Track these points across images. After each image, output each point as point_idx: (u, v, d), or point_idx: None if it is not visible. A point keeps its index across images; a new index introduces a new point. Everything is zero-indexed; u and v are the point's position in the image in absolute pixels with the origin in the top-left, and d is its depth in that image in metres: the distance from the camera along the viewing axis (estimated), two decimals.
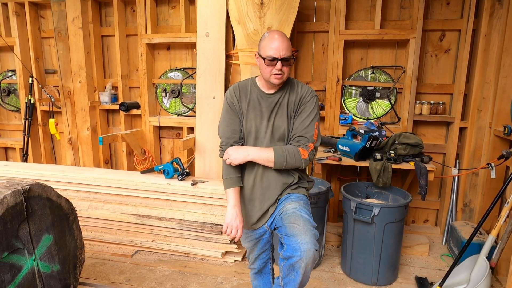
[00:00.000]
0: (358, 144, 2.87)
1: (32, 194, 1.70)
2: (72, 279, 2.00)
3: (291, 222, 1.60)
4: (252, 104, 1.73)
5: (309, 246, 1.50)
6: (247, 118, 1.73)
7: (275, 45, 1.59)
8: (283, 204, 1.75)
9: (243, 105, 1.74)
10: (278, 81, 1.64)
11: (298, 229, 1.55)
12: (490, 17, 2.93)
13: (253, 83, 1.77)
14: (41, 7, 3.98)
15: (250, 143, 1.74)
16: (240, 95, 1.75)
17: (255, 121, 1.71)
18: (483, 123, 3.09)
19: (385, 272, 2.59)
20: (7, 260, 1.57)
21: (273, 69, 1.60)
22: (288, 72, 1.65)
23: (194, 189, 2.90)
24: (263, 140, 1.71)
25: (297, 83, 1.77)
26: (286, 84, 1.75)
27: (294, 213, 1.63)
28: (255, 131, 1.71)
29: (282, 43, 1.59)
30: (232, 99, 1.76)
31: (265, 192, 1.76)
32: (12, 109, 4.43)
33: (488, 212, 2.30)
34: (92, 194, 3.15)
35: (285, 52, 1.59)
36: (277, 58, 1.58)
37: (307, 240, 1.51)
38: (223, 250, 2.87)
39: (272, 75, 1.62)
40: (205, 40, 3.19)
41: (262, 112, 1.72)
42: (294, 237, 1.53)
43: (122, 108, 3.74)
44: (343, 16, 3.21)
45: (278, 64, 1.59)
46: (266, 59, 1.60)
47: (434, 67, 3.27)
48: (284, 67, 1.61)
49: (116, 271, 2.73)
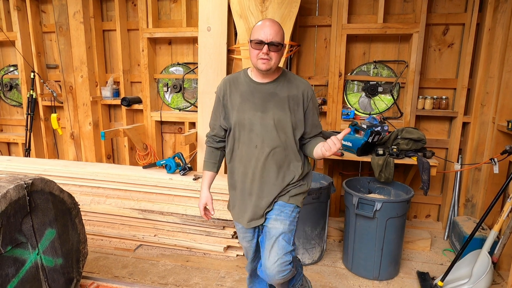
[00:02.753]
0: (361, 139, 2.86)
1: (35, 188, 1.71)
2: (75, 273, 2.02)
3: (267, 247, 1.69)
4: (245, 96, 1.68)
5: (273, 273, 1.66)
6: (240, 110, 1.68)
7: (263, 28, 1.57)
8: (272, 217, 1.73)
9: (235, 97, 1.70)
10: (264, 66, 1.59)
11: (270, 258, 1.68)
12: (495, 11, 2.90)
13: (244, 74, 1.74)
14: (42, 2, 3.96)
15: (245, 136, 1.69)
16: (230, 87, 1.73)
17: (249, 113, 1.66)
18: (486, 118, 3.07)
19: (387, 267, 2.59)
20: (10, 254, 1.57)
21: (260, 52, 1.57)
22: (277, 59, 1.61)
23: (196, 184, 2.91)
24: (259, 133, 1.66)
25: (292, 76, 1.75)
26: (281, 76, 1.71)
27: (275, 237, 1.69)
28: (249, 123, 1.66)
29: (271, 28, 1.56)
30: (219, 92, 1.76)
31: (264, 187, 1.71)
32: (14, 104, 4.44)
33: (491, 207, 2.29)
34: (95, 188, 3.16)
35: (273, 37, 1.55)
36: (264, 41, 1.55)
37: (273, 271, 1.66)
38: (225, 244, 2.88)
39: (259, 59, 1.58)
40: (206, 34, 3.17)
41: (255, 103, 1.67)
42: (264, 261, 1.70)
43: (124, 103, 3.73)
44: (345, 10, 3.19)
45: (264, 48, 1.55)
46: (253, 42, 1.58)
47: (437, 62, 3.24)
48: (272, 52, 1.57)
49: (118, 265, 2.75)
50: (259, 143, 1.67)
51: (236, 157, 1.75)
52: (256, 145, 1.67)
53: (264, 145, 1.67)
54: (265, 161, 1.68)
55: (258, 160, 1.68)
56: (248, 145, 1.69)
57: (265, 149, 1.67)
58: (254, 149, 1.67)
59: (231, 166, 1.79)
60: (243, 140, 1.70)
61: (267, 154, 1.67)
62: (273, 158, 1.68)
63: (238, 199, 1.80)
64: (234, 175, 1.78)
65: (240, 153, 1.72)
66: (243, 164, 1.72)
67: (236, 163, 1.75)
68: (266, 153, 1.67)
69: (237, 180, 1.77)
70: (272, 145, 1.66)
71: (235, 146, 1.74)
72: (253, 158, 1.69)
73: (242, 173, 1.73)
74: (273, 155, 1.67)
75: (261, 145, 1.67)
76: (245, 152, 1.70)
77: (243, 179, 1.74)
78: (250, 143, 1.68)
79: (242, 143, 1.70)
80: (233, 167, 1.78)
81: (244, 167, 1.72)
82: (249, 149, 1.69)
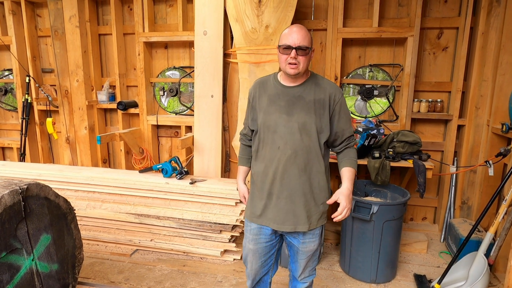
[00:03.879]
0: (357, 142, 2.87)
1: (30, 193, 1.69)
2: (71, 279, 2.00)
3: (301, 265, 1.88)
4: (272, 99, 1.72)
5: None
6: (266, 112, 1.72)
7: (291, 34, 1.60)
8: (304, 238, 1.79)
9: (263, 99, 1.75)
10: (293, 70, 1.62)
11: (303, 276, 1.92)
12: (488, 15, 2.93)
13: (274, 77, 1.78)
14: (38, 6, 3.95)
15: (269, 137, 1.72)
16: (259, 90, 1.78)
17: (274, 115, 1.70)
18: (481, 120, 3.09)
19: (384, 270, 2.59)
20: (5, 260, 1.56)
21: (288, 57, 1.60)
22: (305, 63, 1.63)
23: (193, 188, 2.90)
24: (283, 135, 1.68)
25: (321, 79, 1.76)
26: (310, 79, 1.73)
27: (308, 258, 1.86)
28: (274, 125, 1.69)
29: (299, 33, 1.60)
30: (250, 95, 1.83)
31: (283, 189, 1.71)
32: (9, 108, 4.41)
33: (486, 210, 2.30)
34: (90, 193, 3.14)
35: (301, 41, 1.59)
36: (292, 46, 1.59)
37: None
38: (222, 248, 2.87)
39: (287, 64, 1.62)
40: (203, 38, 3.18)
41: (281, 106, 1.70)
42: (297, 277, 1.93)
43: (120, 107, 3.72)
44: (341, 14, 3.21)
45: (292, 53, 1.59)
46: (281, 47, 1.62)
47: (432, 65, 3.27)
48: (300, 56, 1.60)
49: (115, 271, 2.73)
50: (282, 144, 1.68)
51: (259, 157, 1.78)
52: (278, 146, 1.69)
53: (286, 147, 1.68)
54: (286, 163, 1.69)
55: (280, 162, 1.69)
56: (271, 146, 1.72)
57: (287, 151, 1.68)
58: (277, 150, 1.70)
59: (255, 165, 1.82)
60: (267, 141, 1.73)
61: (288, 156, 1.68)
62: (295, 161, 1.69)
63: (257, 197, 1.80)
64: (255, 174, 1.81)
65: (263, 153, 1.75)
66: (264, 164, 1.75)
67: (259, 163, 1.78)
68: (287, 155, 1.68)
69: (257, 179, 1.80)
70: (294, 148, 1.67)
71: (259, 146, 1.77)
72: (275, 159, 1.70)
73: (263, 173, 1.75)
74: (295, 158, 1.68)
75: (283, 146, 1.68)
76: (268, 153, 1.73)
77: (263, 179, 1.76)
78: (273, 144, 1.71)
79: (266, 144, 1.73)
80: (256, 167, 1.81)
81: (266, 167, 1.74)
82: (272, 150, 1.71)
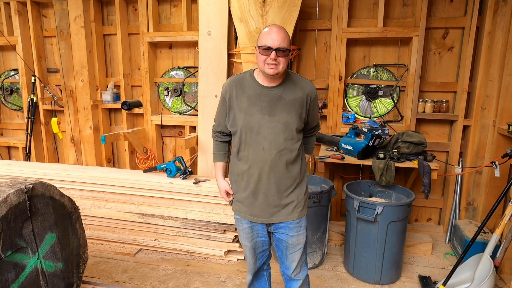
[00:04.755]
0: (361, 142, 2.86)
1: (35, 193, 1.70)
2: (75, 278, 2.00)
3: (292, 260, 1.89)
4: (253, 100, 1.71)
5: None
6: (248, 113, 1.70)
7: (271, 34, 1.59)
8: (291, 232, 1.81)
9: (241, 100, 1.73)
10: (272, 70, 1.62)
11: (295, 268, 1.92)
12: (494, 14, 2.91)
13: (250, 77, 1.75)
14: (43, 6, 3.98)
15: (252, 138, 1.71)
16: (236, 90, 1.75)
17: (257, 116, 1.69)
18: (486, 121, 3.07)
19: (388, 271, 2.58)
20: (10, 259, 1.57)
21: (267, 58, 1.60)
22: (284, 64, 1.63)
23: (197, 188, 2.90)
24: (267, 136, 1.68)
25: (297, 78, 1.77)
26: (286, 79, 1.73)
27: (298, 252, 1.88)
28: (257, 126, 1.69)
29: (278, 34, 1.59)
30: (225, 93, 1.79)
31: (271, 187, 1.73)
32: (15, 108, 4.44)
33: (492, 211, 2.28)
34: (95, 193, 3.15)
35: (281, 43, 1.59)
36: (272, 47, 1.58)
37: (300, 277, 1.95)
38: (225, 248, 2.87)
39: (266, 65, 1.61)
40: (207, 38, 3.18)
41: (262, 107, 1.69)
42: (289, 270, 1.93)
43: (124, 107, 3.74)
44: (345, 14, 3.20)
45: (272, 54, 1.58)
46: (261, 48, 1.61)
47: (437, 65, 3.25)
48: (280, 57, 1.60)
49: (119, 270, 2.74)
50: (267, 145, 1.69)
51: (242, 158, 1.77)
52: (263, 147, 1.70)
53: (271, 148, 1.69)
54: (272, 163, 1.70)
55: (265, 162, 1.70)
56: (255, 147, 1.71)
57: (273, 151, 1.69)
58: (261, 151, 1.70)
59: (236, 166, 1.81)
60: (250, 142, 1.72)
61: (273, 156, 1.69)
62: (280, 160, 1.71)
63: (242, 197, 1.82)
64: (239, 174, 1.80)
65: (246, 154, 1.74)
66: (248, 165, 1.74)
67: (242, 164, 1.77)
68: (273, 155, 1.69)
69: (242, 178, 1.79)
70: (279, 148, 1.69)
71: (241, 147, 1.76)
72: (260, 160, 1.71)
73: (248, 174, 1.75)
74: (280, 157, 1.70)
75: (268, 147, 1.69)
76: (252, 154, 1.72)
77: (248, 179, 1.76)
78: (257, 145, 1.70)
79: (249, 145, 1.73)
80: (238, 168, 1.80)
81: (250, 168, 1.74)
82: (256, 151, 1.71)
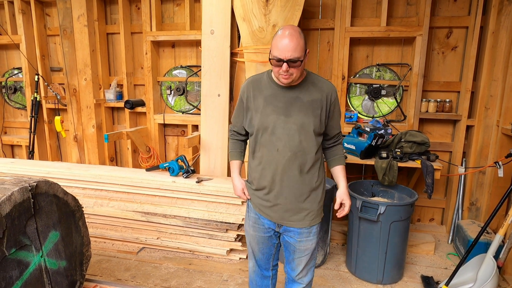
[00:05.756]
0: (364, 142, 2.85)
1: (39, 191, 1.71)
2: (78, 276, 2.01)
3: (299, 263, 1.85)
4: (269, 100, 1.68)
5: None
6: (263, 114, 1.68)
7: (282, 45, 1.51)
8: (300, 237, 1.77)
9: (258, 100, 1.71)
10: (286, 81, 1.59)
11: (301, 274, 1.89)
12: (498, 13, 2.89)
13: (268, 77, 1.73)
14: (47, 5, 3.99)
15: (266, 139, 1.69)
16: (253, 90, 1.73)
17: (272, 117, 1.66)
18: (490, 121, 3.06)
19: (391, 271, 2.58)
20: (14, 256, 1.57)
21: (280, 69, 1.55)
22: (298, 72, 1.58)
23: (199, 187, 2.91)
24: (281, 137, 1.66)
25: (317, 78, 1.73)
26: (306, 80, 1.70)
27: (305, 256, 1.84)
28: (272, 127, 1.66)
29: (290, 42, 1.50)
30: (243, 94, 1.78)
31: (284, 190, 1.71)
32: (18, 106, 4.46)
33: (496, 211, 2.28)
34: (98, 191, 3.16)
35: (292, 54, 1.50)
36: (283, 59, 1.52)
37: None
38: (228, 247, 2.87)
39: (280, 75, 1.59)
40: (210, 37, 3.18)
41: (278, 107, 1.67)
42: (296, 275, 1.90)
43: (127, 105, 3.75)
44: (348, 13, 3.19)
45: (284, 66, 1.52)
46: (273, 60, 1.57)
47: (440, 65, 3.24)
48: (292, 68, 1.54)
49: (121, 268, 2.75)
50: (281, 147, 1.67)
51: (256, 159, 1.76)
52: (277, 148, 1.67)
53: (285, 149, 1.66)
54: (286, 165, 1.68)
55: (279, 163, 1.68)
56: (269, 148, 1.69)
57: (287, 153, 1.66)
58: (276, 152, 1.68)
59: (252, 166, 1.81)
60: (265, 143, 1.70)
61: (288, 158, 1.67)
62: (294, 162, 1.67)
63: (255, 196, 1.82)
64: (253, 175, 1.81)
65: (260, 155, 1.73)
66: (262, 166, 1.73)
67: (256, 165, 1.76)
68: (287, 157, 1.66)
69: (254, 179, 1.80)
70: (293, 149, 1.66)
71: (256, 148, 1.75)
72: (274, 161, 1.69)
73: (261, 174, 1.74)
74: (294, 159, 1.67)
75: (282, 148, 1.66)
76: (266, 155, 1.71)
77: (260, 180, 1.75)
78: (272, 146, 1.68)
79: (264, 146, 1.71)
80: (253, 167, 1.80)
81: (263, 169, 1.73)
82: (270, 152, 1.69)
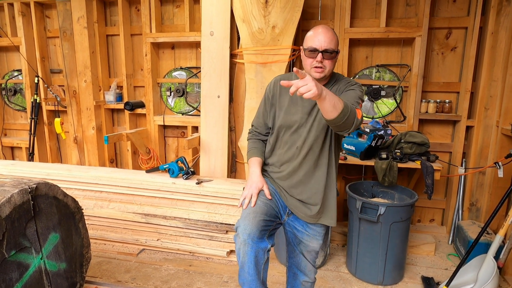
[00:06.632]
0: (364, 143, 2.85)
1: (39, 193, 1.71)
2: (78, 278, 2.01)
3: (303, 260, 1.87)
4: (294, 99, 1.68)
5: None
6: (287, 112, 1.69)
7: (317, 36, 1.54)
8: (308, 230, 1.78)
9: (283, 99, 1.71)
10: (319, 74, 1.58)
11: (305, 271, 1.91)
12: (498, 14, 2.90)
13: (296, 77, 1.72)
14: (47, 7, 4.00)
15: (287, 135, 1.70)
16: (280, 89, 1.74)
17: (297, 116, 1.67)
18: (490, 121, 3.06)
19: (391, 272, 2.57)
20: (14, 258, 1.57)
21: (313, 61, 1.56)
22: (331, 66, 1.59)
23: (199, 188, 2.91)
24: (302, 134, 1.67)
25: (340, 77, 1.73)
26: (332, 80, 1.69)
27: (310, 253, 1.85)
28: (296, 126, 1.68)
29: (326, 35, 1.54)
30: (269, 91, 1.78)
31: (298, 185, 1.71)
32: (18, 108, 4.46)
33: (496, 212, 2.27)
34: (98, 193, 3.16)
35: (328, 44, 1.53)
36: (318, 49, 1.53)
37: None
38: (228, 249, 2.87)
39: (312, 68, 1.58)
40: (209, 39, 3.18)
41: (303, 107, 1.67)
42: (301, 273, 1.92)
43: (127, 107, 3.75)
44: (348, 14, 3.19)
45: (318, 56, 1.53)
46: (307, 50, 1.57)
47: (440, 65, 3.24)
48: (326, 60, 1.55)
49: (121, 270, 2.75)
50: (300, 143, 1.68)
51: (275, 155, 1.77)
52: (297, 146, 1.69)
53: (304, 146, 1.68)
54: (303, 161, 1.69)
55: (296, 160, 1.70)
56: (290, 145, 1.71)
57: (305, 149, 1.68)
58: (295, 149, 1.70)
59: (270, 163, 1.82)
60: (286, 140, 1.72)
61: (304, 155, 1.68)
62: (311, 159, 1.69)
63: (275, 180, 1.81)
64: (270, 171, 1.81)
65: (280, 152, 1.75)
66: (280, 163, 1.75)
67: (275, 161, 1.77)
68: (304, 153, 1.68)
69: (271, 175, 1.81)
70: (311, 146, 1.67)
71: (276, 145, 1.77)
72: (292, 158, 1.71)
73: (279, 170, 1.76)
74: (312, 156, 1.68)
75: (301, 146, 1.68)
76: (285, 152, 1.73)
77: (278, 175, 1.77)
78: (293, 144, 1.70)
79: (284, 143, 1.73)
80: (271, 165, 1.81)
81: (282, 165, 1.75)
82: (290, 149, 1.71)
